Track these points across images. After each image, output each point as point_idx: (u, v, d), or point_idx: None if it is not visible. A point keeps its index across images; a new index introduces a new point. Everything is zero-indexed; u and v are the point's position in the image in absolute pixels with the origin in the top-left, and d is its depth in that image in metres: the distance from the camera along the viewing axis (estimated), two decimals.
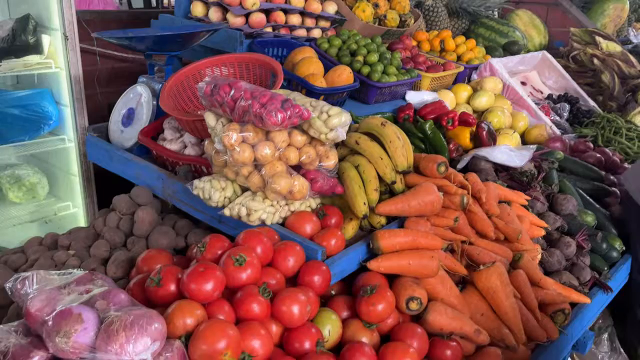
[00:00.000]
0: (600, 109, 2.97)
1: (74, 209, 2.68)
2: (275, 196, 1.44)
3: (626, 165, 2.49)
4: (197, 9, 2.41)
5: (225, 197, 1.52)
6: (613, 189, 2.20)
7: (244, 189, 1.54)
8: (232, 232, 1.55)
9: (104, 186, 2.47)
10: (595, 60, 3.10)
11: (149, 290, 1.21)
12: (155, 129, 1.93)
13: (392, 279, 1.47)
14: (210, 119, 1.50)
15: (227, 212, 1.48)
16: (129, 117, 1.97)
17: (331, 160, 1.55)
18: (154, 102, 1.95)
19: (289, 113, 1.38)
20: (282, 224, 1.52)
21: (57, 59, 2.46)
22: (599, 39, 3.22)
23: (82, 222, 2.67)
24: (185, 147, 1.82)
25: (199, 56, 2.30)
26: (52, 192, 2.75)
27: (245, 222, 1.47)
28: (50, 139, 2.55)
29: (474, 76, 2.89)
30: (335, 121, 1.46)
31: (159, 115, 1.95)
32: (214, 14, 2.37)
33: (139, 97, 1.98)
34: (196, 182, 1.53)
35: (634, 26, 4.55)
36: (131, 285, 1.27)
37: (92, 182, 2.57)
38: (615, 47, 3.20)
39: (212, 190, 1.50)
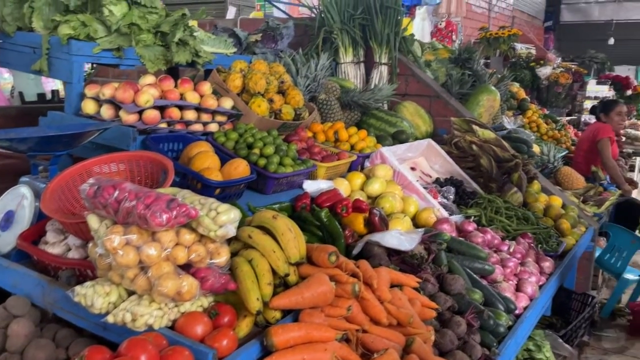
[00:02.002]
0: (482, 191, 3.23)
1: None
2: (162, 298, 1.40)
3: (507, 242, 2.69)
4: (89, 107, 2.39)
5: (109, 303, 1.45)
6: (496, 266, 2.36)
7: (131, 293, 1.48)
8: (119, 340, 1.45)
9: None
10: (474, 147, 3.41)
11: None
12: (37, 232, 1.83)
13: None
14: (93, 221, 1.46)
15: (110, 318, 1.40)
16: (7, 221, 1.86)
17: (222, 257, 1.54)
18: (37, 204, 1.86)
19: (174, 213, 1.38)
20: (172, 327, 1.46)
21: None
22: (475, 127, 3.57)
23: None
24: (69, 250, 1.73)
25: (91, 153, 2.25)
26: None
27: (130, 328, 1.40)
28: None
29: (367, 164, 3.06)
30: (224, 218, 1.47)
31: (42, 217, 1.86)
32: (106, 112, 2.35)
33: (20, 199, 1.88)
34: (77, 288, 1.45)
35: (506, 114, 5.11)
36: None
37: None
38: (490, 134, 3.55)
39: (94, 296, 1.43)
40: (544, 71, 7.87)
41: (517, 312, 2.25)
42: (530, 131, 5.24)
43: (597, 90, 7.56)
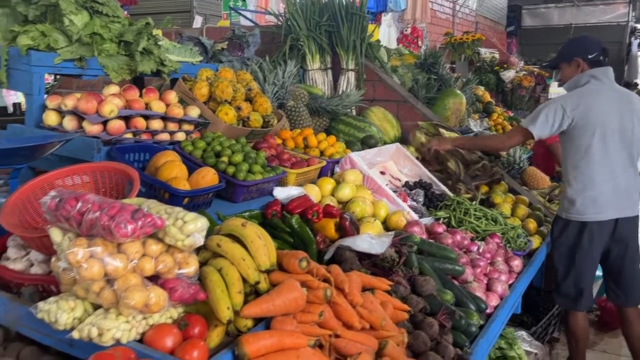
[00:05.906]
0: (451, 193, 3.27)
1: None
2: (129, 311, 1.37)
3: (477, 242, 2.73)
4: (51, 118, 2.33)
5: (74, 318, 1.41)
6: (466, 266, 2.38)
7: (97, 307, 1.44)
8: (86, 356, 1.41)
9: None
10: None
11: None
12: None
13: None
14: (55, 235, 1.42)
15: (76, 334, 1.37)
16: None
17: (191, 267, 1.51)
18: None
19: (140, 223, 1.35)
20: (141, 340, 1.43)
21: None
22: (442, 130, 3.62)
23: None
24: (32, 265, 1.68)
25: (54, 166, 2.20)
26: None
27: (97, 343, 1.36)
28: None
29: (337, 169, 3.07)
30: (191, 227, 1.45)
31: (3, 233, 1.80)
32: (69, 123, 2.30)
33: None
34: (40, 304, 1.41)
35: (472, 117, 5.20)
36: None
37: None
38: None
39: (58, 312, 1.39)
40: (508, 75, 8.05)
41: (488, 311, 2.28)
42: (496, 133, 5.34)
43: (558, 92, 7.74)
